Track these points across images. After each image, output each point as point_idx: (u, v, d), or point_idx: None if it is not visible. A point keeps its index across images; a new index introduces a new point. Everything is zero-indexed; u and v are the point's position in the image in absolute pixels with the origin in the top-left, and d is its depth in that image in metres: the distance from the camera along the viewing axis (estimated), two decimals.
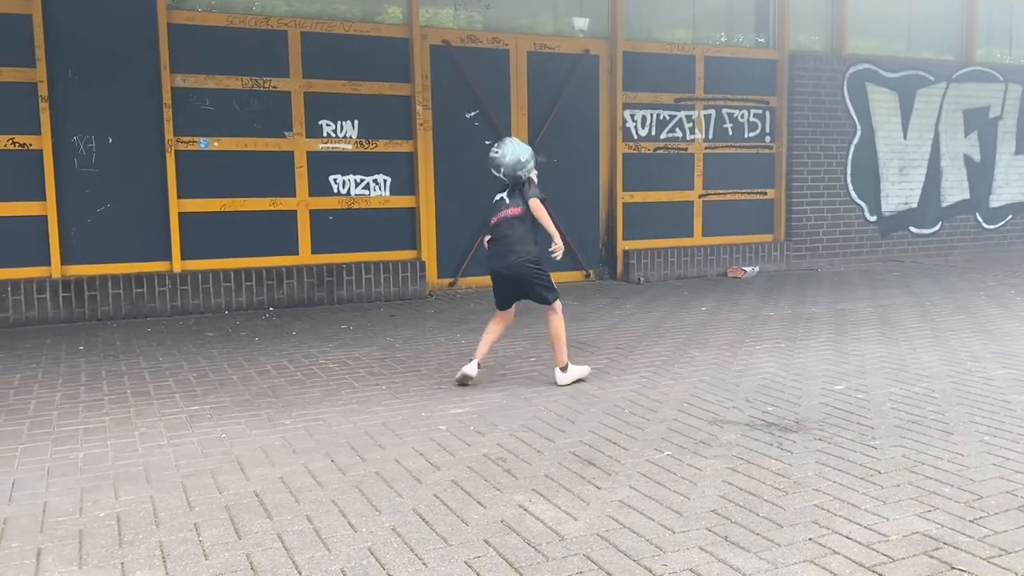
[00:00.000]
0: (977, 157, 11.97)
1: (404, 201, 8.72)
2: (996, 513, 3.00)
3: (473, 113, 8.97)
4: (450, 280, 9.02)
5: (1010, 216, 12.37)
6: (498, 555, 2.73)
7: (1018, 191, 12.39)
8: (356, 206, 8.50)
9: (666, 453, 3.71)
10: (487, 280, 9.08)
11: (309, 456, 3.72)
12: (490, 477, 3.43)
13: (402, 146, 8.66)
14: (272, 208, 8.16)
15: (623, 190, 9.78)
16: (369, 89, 8.46)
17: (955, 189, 11.84)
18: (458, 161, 8.92)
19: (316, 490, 3.31)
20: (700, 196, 10.27)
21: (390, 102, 8.58)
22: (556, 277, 9.42)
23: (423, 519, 3.02)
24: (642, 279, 9.69)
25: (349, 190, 8.46)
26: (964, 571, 2.58)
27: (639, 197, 9.89)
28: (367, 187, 8.54)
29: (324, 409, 4.48)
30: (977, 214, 12.11)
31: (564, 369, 4.98)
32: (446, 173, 8.86)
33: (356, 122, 8.43)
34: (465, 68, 8.84)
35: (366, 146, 8.50)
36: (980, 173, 12.04)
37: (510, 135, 9.14)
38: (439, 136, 8.80)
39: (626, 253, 9.76)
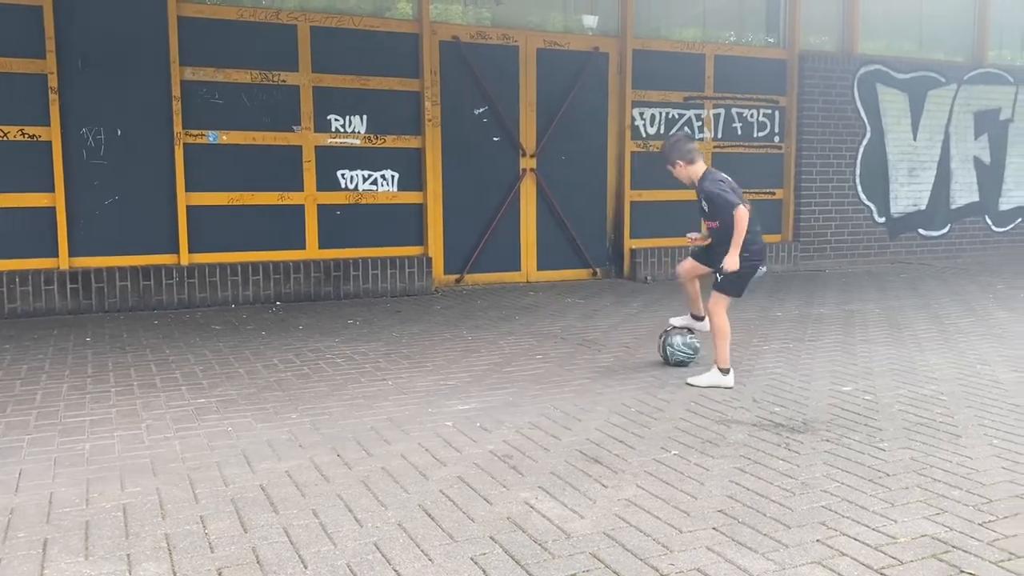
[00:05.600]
0: (987, 159, 11.91)
1: (411, 197, 8.71)
2: (1006, 517, 2.98)
3: (482, 109, 8.95)
4: (456, 277, 9.01)
5: (1020, 219, 12.31)
6: (504, 552, 2.72)
7: None
8: (363, 201, 8.49)
9: (673, 452, 3.69)
10: (493, 277, 9.18)
11: (315, 450, 3.72)
12: (496, 474, 3.42)
13: (410, 142, 8.65)
14: (280, 202, 8.16)
15: (631, 188, 9.76)
16: (378, 84, 8.45)
17: (964, 191, 11.78)
18: (466, 157, 8.91)
19: (322, 484, 3.31)
20: None
21: (399, 97, 8.57)
22: (561, 274, 9.53)
23: (429, 515, 3.01)
24: (649, 278, 9.67)
25: (357, 185, 8.46)
26: (973, 574, 2.57)
27: (647, 196, 9.86)
28: (375, 182, 8.54)
29: (330, 404, 4.48)
30: (986, 216, 12.06)
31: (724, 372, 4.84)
32: (454, 169, 8.85)
33: (365, 117, 8.42)
34: (474, 64, 8.83)
35: (374, 141, 8.49)
36: (990, 175, 11.98)
37: (519, 131, 9.16)
38: (447, 132, 8.79)
39: (633, 252, 9.73)
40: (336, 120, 8.32)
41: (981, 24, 11.81)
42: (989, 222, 12.09)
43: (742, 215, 4.72)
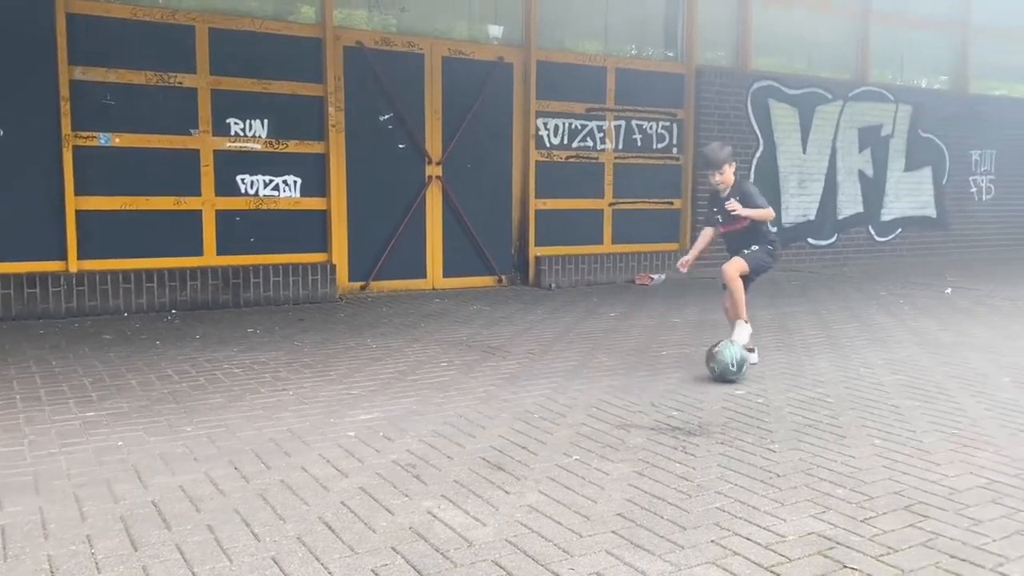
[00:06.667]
0: (870, 173, 12.59)
1: (315, 203, 8.58)
2: (885, 513, 3.15)
3: (387, 116, 8.90)
4: (361, 284, 8.91)
5: (899, 229, 13.04)
6: (406, 562, 2.71)
7: (907, 206, 13.08)
8: (265, 207, 8.31)
9: (574, 457, 3.75)
10: (399, 284, 9.13)
11: (211, 464, 3.61)
12: (399, 484, 3.40)
13: (313, 147, 8.52)
14: (176, 207, 7.90)
15: (535, 197, 9.87)
16: (280, 88, 8.30)
17: (850, 203, 12.42)
18: (371, 164, 8.84)
19: (218, 499, 3.22)
20: (610, 204, 10.46)
21: (302, 102, 8.43)
22: (467, 282, 9.55)
23: (329, 527, 2.97)
24: (553, 285, 9.80)
25: (258, 191, 8.27)
26: (855, 569, 2.70)
27: (551, 204, 10.01)
28: (276, 188, 8.36)
29: (228, 415, 4.36)
30: (870, 227, 12.72)
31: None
32: (358, 175, 8.77)
33: (266, 121, 8.25)
34: (379, 70, 8.77)
35: (276, 146, 8.33)
36: (873, 188, 12.66)
37: (424, 139, 9.13)
38: (351, 138, 8.70)
39: (538, 259, 9.84)
40: (236, 124, 8.12)
41: (863, 44, 12.48)
42: (872, 232, 12.76)
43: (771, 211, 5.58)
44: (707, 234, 5.87)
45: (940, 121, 13.16)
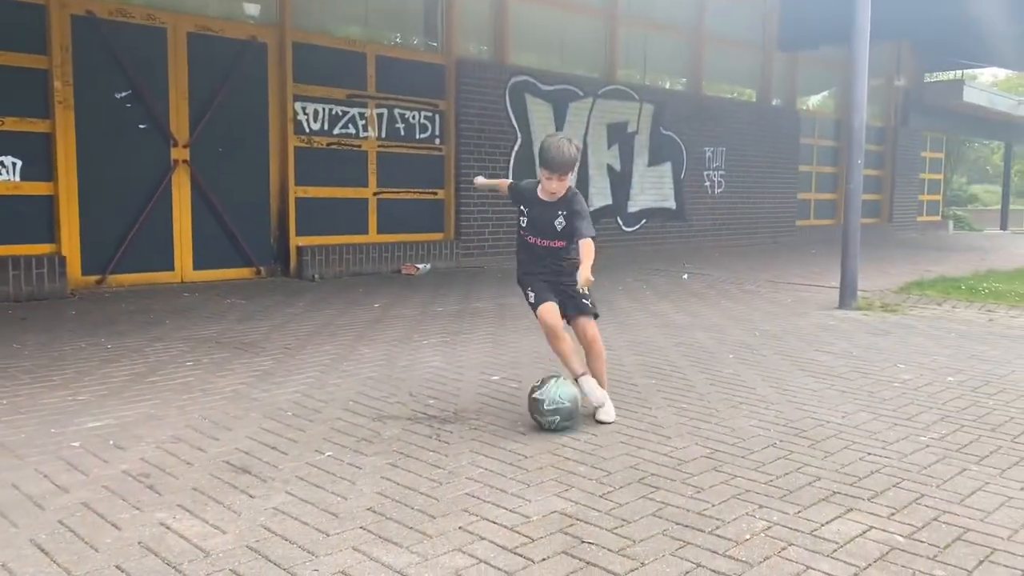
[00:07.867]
0: (618, 167, 13.44)
1: (39, 188, 7.72)
2: (621, 487, 3.34)
3: (124, 93, 8.18)
4: (97, 278, 8.15)
5: (644, 220, 14.06)
6: None
7: (650, 199, 14.13)
8: None
9: (327, 454, 3.65)
10: (142, 278, 8.45)
11: None
12: (129, 496, 3.12)
13: (37, 125, 7.65)
14: None
15: (296, 184, 9.54)
16: None
17: (600, 195, 13.19)
18: (107, 145, 8.10)
19: None
20: (374, 194, 10.35)
21: (21, 75, 7.54)
22: (222, 274, 9.04)
23: (42, 550, 2.66)
24: (317, 276, 9.53)
25: None
26: (592, 543, 2.84)
27: (313, 192, 9.72)
28: None
29: None
30: (618, 218, 13.59)
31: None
32: (92, 158, 8.00)
33: None
34: (115, 44, 8.04)
35: None
36: (620, 182, 13.53)
37: (169, 120, 8.51)
38: (83, 116, 7.91)
39: (300, 249, 9.53)
40: None
41: (612, 45, 13.27)
42: (620, 223, 13.65)
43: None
44: (505, 184, 4.63)
45: (678, 120, 14.32)
